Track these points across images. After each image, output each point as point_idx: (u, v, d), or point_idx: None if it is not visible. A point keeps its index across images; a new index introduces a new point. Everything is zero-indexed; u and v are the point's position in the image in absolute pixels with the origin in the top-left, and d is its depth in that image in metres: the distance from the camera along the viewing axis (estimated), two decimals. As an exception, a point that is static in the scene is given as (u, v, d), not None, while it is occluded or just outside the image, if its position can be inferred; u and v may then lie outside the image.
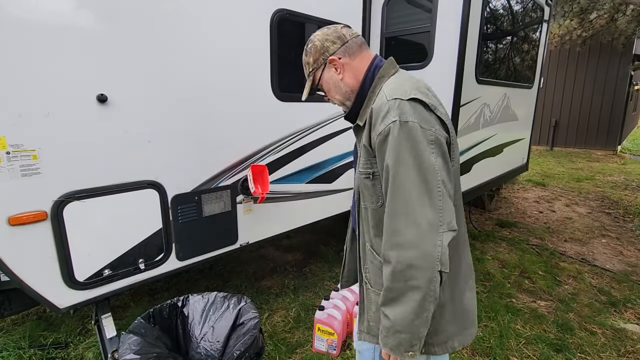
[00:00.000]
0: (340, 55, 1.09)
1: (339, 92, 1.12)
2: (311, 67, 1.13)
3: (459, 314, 1.06)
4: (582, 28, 8.48)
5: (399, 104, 0.92)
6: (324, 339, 2.14)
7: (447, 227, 0.89)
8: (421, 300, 0.89)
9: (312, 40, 1.12)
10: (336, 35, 1.09)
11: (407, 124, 0.90)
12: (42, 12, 1.42)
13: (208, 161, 2.06)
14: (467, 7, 2.47)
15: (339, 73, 1.10)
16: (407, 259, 0.88)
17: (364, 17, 2.80)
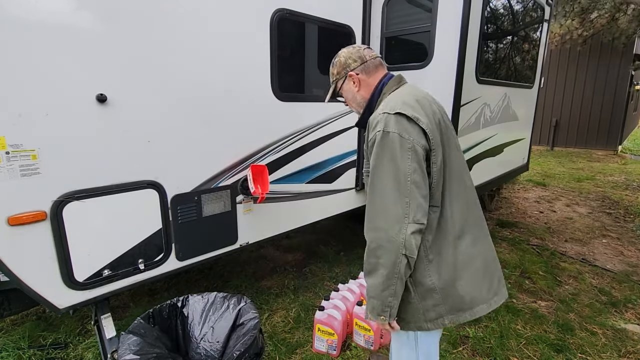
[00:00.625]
0: (359, 72, 1.32)
1: (354, 101, 1.37)
2: (334, 77, 1.38)
3: (451, 298, 1.20)
4: (583, 27, 8.47)
5: (386, 117, 1.13)
6: (324, 339, 2.13)
7: (412, 220, 1.08)
8: (387, 275, 1.10)
9: (339, 55, 1.37)
10: (358, 55, 1.33)
11: (389, 134, 1.11)
12: (42, 12, 1.42)
13: (208, 161, 2.06)
14: (467, 7, 2.46)
15: (355, 86, 1.34)
16: (378, 241, 1.11)
17: (364, 17, 2.80)
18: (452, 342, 2.27)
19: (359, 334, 2.21)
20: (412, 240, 1.08)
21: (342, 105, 2.74)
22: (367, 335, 2.17)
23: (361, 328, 2.19)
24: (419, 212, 1.09)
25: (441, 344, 2.25)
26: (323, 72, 2.82)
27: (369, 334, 2.16)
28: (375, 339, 2.17)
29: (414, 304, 1.21)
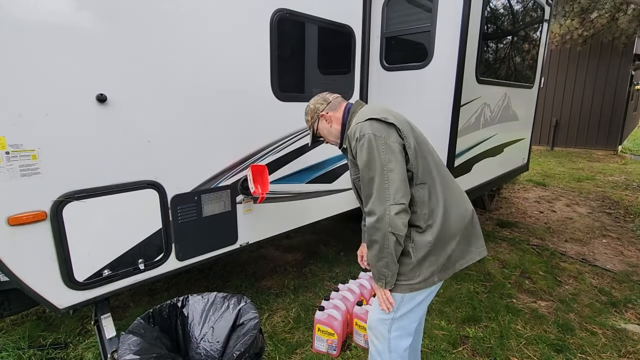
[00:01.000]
0: (327, 110, 1.61)
1: (331, 135, 1.63)
2: (309, 123, 1.66)
3: (441, 259, 1.43)
4: (583, 27, 8.47)
5: (361, 125, 1.40)
6: (324, 339, 2.13)
7: (393, 202, 1.31)
8: (379, 249, 1.35)
9: (308, 105, 1.66)
10: (323, 99, 1.63)
11: (364, 136, 1.36)
12: (42, 12, 1.42)
13: (208, 161, 2.06)
14: (467, 6, 2.46)
15: (328, 123, 1.61)
16: (371, 222, 1.36)
17: (364, 17, 2.80)
18: (452, 342, 2.27)
19: (359, 334, 2.21)
20: (397, 220, 1.31)
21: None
22: (331, 340, 2.15)
23: (361, 328, 2.19)
24: (398, 194, 1.31)
25: (441, 344, 2.25)
26: (323, 72, 2.82)
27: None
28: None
29: (411, 265, 1.41)
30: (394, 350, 1.52)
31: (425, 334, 2.34)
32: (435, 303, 2.69)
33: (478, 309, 2.62)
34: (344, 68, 2.80)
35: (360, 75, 2.89)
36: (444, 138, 2.68)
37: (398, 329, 1.50)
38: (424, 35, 2.69)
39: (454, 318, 2.53)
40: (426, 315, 2.55)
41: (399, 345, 1.52)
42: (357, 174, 1.49)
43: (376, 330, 1.53)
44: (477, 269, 3.24)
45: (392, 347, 1.52)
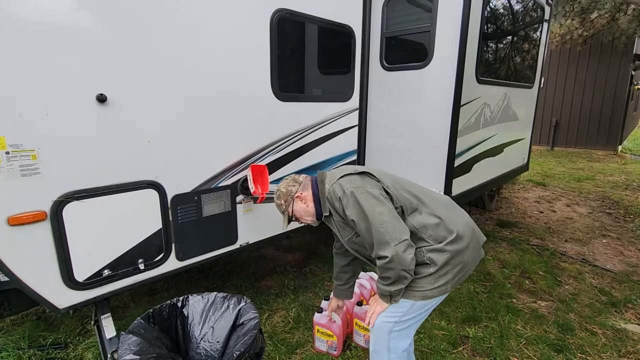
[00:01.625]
0: (300, 191, 1.63)
1: (308, 214, 1.64)
2: (283, 207, 1.65)
3: (458, 268, 1.46)
4: (583, 27, 8.47)
5: (337, 184, 1.50)
6: (324, 340, 2.13)
7: (397, 241, 1.36)
8: (392, 282, 1.41)
9: (279, 189, 1.66)
10: (294, 181, 1.67)
11: (345, 192, 1.45)
12: (42, 12, 1.42)
13: (208, 161, 2.06)
14: (467, 6, 2.46)
15: (304, 203, 1.62)
16: (382, 263, 1.39)
17: (364, 17, 2.80)
18: (452, 342, 2.27)
19: (359, 334, 2.21)
20: (406, 256, 1.36)
21: (342, 105, 2.76)
22: (367, 335, 2.17)
23: (361, 328, 2.19)
24: (397, 232, 1.37)
25: (441, 344, 2.25)
26: (323, 73, 2.82)
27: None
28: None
29: (429, 275, 1.43)
30: (393, 351, 1.55)
31: (425, 334, 2.34)
32: (435, 303, 2.69)
33: (478, 309, 2.62)
34: (344, 68, 2.80)
35: (360, 75, 2.89)
36: (444, 138, 2.68)
37: (399, 331, 1.52)
38: (424, 35, 2.69)
39: (454, 318, 2.53)
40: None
41: (398, 346, 1.55)
42: (350, 235, 1.55)
43: (378, 330, 1.55)
44: (477, 269, 3.23)
45: (391, 347, 1.54)
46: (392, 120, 2.90)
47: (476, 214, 4.85)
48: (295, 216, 1.67)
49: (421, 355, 2.16)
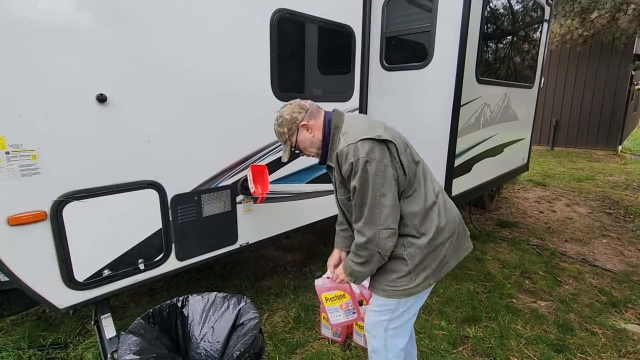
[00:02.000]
0: (307, 119, 1.48)
1: (313, 145, 1.50)
2: (286, 135, 1.49)
3: (435, 263, 1.46)
4: (583, 27, 8.47)
5: (353, 147, 1.35)
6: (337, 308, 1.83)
7: (384, 227, 1.35)
8: (362, 263, 1.41)
9: (282, 116, 1.49)
10: (300, 107, 1.50)
11: (359, 161, 1.33)
12: (42, 12, 1.42)
13: (208, 161, 2.06)
14: (467, 6, 2.46)
15: (310, 132, 1.49)
16: (361, 241, 1.38)
17: (364, 17, 2.80)
18: (452, 342, 2.27)
19: (359, 334, 2.21)
20: (387, 243, 1.36)
21: (342, 105, 2.76)
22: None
23: (361, 328, 2.19)
24: (389, 220, 1.35)
25: (441, 344, 2.25)
26: (323, 73, 2.82)
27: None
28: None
29: (407, 272, 1.43)
30: (390, 350, 1.57)
31: (425, 334, 2.34)
32: (435, 303, 2.69)
33: (478, 309, 2.62)
34: (344, 68, 2.80)
35: (360, 75, 2.89)
36: (444, 138, 2.68)
37: (394, 329, 1.54)
38: (424, 35, 2.69)
39: (454, 318, 2.53)
40: (426, 315, 2.55)
41: (395, 345, 1.57)
42: (343, 196, 1.51)
43: (374, 330, 1.57)
44: (477, 269, 3.24)
45: (388, 346, 1.56)
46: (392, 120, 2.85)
47: (476, 214, 4.85)
48: (299, 147, 1.53)
49: (421, 355, 2.16)
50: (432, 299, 2.75)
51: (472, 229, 4.21)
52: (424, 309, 2.63)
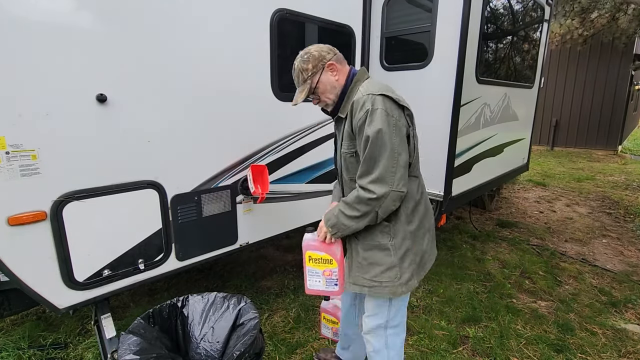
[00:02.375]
0: (335, 61, 1.41)
1: (333, 91, 1.41)
2: (309, 73, 1.40)
3: (419, 256, 1.47)
4: (583, 27, 8.47)
5: (372, 97, 1.29)
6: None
7: (396, 188, 1.28)
8: (356, 217, 1.33)
9: (309, 52, 1.41)
10: (329, 48, 1.44)
11: (377, 111, 1.27)
12: (42, 12, 1.42)
13: (208, 161, 2.06)
14: (467, 6, 2.46)
15: (335, 75, 1.40)
16: (365, 196, 1.30)
17: (364, 17, 2.80)
18: (452, 342, 2.27)
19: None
20: (391, 205, 1.31)
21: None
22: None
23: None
24: (402, 182, 1.29)
25: (441, 343, 2.25)
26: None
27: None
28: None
29: (392, 265, 1.40)
30: (392, 348, 1.58)
31: (425, 334, 2.34)
32: (435, 303, 2.69)
33: (478, 309, 2.62)
34: (344, 68, 2.79)
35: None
36: (444, 138, 2.68)
37: (393, 327, 1.56)
38: (423, 36, 2.69)
39: (454, 318, 2.53)
40: (426, 315, 2.55)
41: (396, 342, 1.58)
42: (348, 150, 1.40)
43: (374, 333, 1.57)
44: (477, 269, 3.24)
45: (389, 344, 1.57)
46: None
47: (476, 214, 4.85)
48: (318, 90, 1.42)
49: (421, 355, 2.16)
50: (432, 299, 2.75)
51: (472, 229, 4.21)
52: (424, 309, 2.63)
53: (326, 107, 1.47)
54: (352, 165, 1.42)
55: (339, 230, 1.39)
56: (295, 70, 1.43)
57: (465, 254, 3.56)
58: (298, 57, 1.43)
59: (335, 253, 1.52)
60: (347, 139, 1.39)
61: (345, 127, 1.39)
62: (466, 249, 3.66)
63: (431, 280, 3.03)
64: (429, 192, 2.83)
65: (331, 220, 1.40)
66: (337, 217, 1.38)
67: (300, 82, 1.43)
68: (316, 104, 1.49)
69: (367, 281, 1.44)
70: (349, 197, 1.36)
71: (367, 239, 1.45)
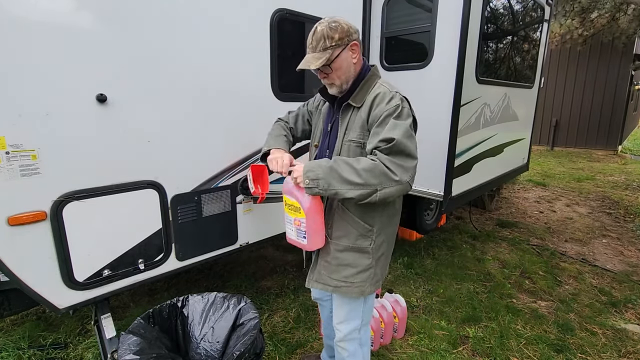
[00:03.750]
0: (358, 43, 1.33)
1: (346, 72, 1.33)
2: (334, 42, 1.27)
3: (390, 257, 1.52)
4: (583, 27, 8.47)
5: (400, 96, 1.30)
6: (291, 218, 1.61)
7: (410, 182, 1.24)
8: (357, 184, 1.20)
9: (338, 21, 1.29)
10: (355, 28, 1.34)
11: (405, 110, 1.28)
12: (42, 12, 1.42)
13: (208, 161, 2.06)
14: (467, 6, 2.46)
15: (355, 57, 1.33)
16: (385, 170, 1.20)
17: (364, 17, 2.80)
18: (452, 342, 2.27)
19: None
20: (394, 195, 1.24)
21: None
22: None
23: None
24: (414, 180, 1.27)
25: (441, 343, 2.25)
26: (323, 72, 2.81)
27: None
28: (376, 339, 2.17)
29: (368, 267, 1.40)
30: (364, 344, 1.60)
31: (425, 334, 2.34)
32: (435, 303, 2.70)
33: (478, 309, 2.62)
34: (344, 68, 2.79)
35: (360, 75, 2.88)
36: (444, 138, 2.68)
37: (364, 325, 1.59)
38: (423, 35, 2.69)
39: (454, 318, 2.53)
40: (426, 315, 2.55)
41: (366, 337, 1.63)
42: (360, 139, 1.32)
43: (348, 338, 1.55)
44: (477, 269, 3.24)
45: (362, 341, 1.59)
46: (392, 120, 2.90)
47: (476, 214, 4.85)
48: (334, 66, 1.30)
49: (421, 355, 2.16)
50: (432, 299, 2.75)
51: (471, 229, 4.22)
52: (423, 309, 2.63)
53: (330, 87, 1.37)
54: (356, 156, 1.34)
55: (319, 186, 1.22)
56: (318, 34, 1.28)
57: (465, 254, 3.56)
58: (324, 22, 1.29)
59: (303, 201, 1.34)
60: (358, 129, 1.32)
61: (358, 116, 1.32)
62: (466, 249, 3.66)
63: (431, 280, 3.03)
64: (429, 192, 2.84)
65: (315, 172, 1.23)
66: (327, 172, 1.22)
67: (320, 48, 1.27)
68: (323, 78, 1.36)
69: (334, 281, 1.42)
70: (357, 161, 1.22)
71: (342, 240, 1.40)
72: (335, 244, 1.42)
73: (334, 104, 1.45)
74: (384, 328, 2.20)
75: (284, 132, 1.67)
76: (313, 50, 1.30)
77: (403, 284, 2.98)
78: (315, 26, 1.30)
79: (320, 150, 1.51)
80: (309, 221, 1.36)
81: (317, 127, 1.57)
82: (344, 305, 1.51)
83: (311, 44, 1.31)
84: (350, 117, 1.35)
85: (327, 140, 1.46)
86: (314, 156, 1.56)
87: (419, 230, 3.82)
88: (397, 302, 2.33)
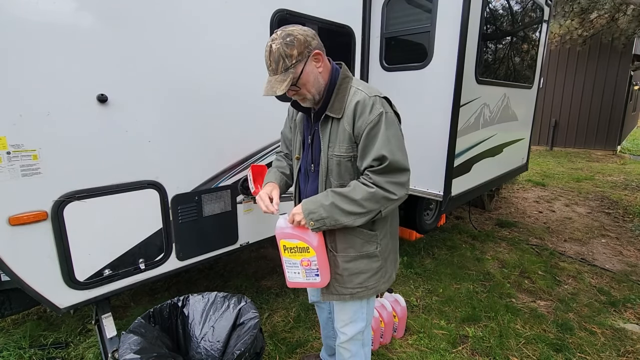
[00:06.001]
0: (319, 50, 1.21)
1: (315, 84, 1.23)
2: (294, 60, 1.16)
3: (397, 251, 1.52)
4: (583, 28, 8.49)
5: (379, 100, 1.22)
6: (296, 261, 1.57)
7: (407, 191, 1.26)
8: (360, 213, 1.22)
9: (292, 34, 1.16)
10: (312, 33, 1.21)
11: (388, 114, 1.21)
12: (43, 12, 1.42)
13: (208, 161, 2.06)
14: (467, 7, 2.47)
15: (319, 66, 1.22)
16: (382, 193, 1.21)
17: (364, 17, 2.80)
18: (452, 341, 2.28)
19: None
20: (393, 206, 1.26)
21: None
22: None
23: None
24: (409, 186, 1.28)
25: (440, 343, 2.26)
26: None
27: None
28: (375, 338, 2.17)
29: (378, 268, 1.39)
30: (366, 344, 1.60)
31: (424, 333, 2.35)
32: (434, 303, 2.70)
33: (477, 309, 2.62)
34: (343, 68, 2.80)
35: (359, 75, 2.90)
36: (444, 138, 2.69)
37: (368, 325, 1.58)
38: (423, 36, 2.70)
39: (454, 318, 2.53)
40: (426, 314, 2.56)
41: (368, 337, 1.63)
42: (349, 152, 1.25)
43: (353, 339, 1.54)
44: (477, 269, 3.24)
45: (365, 341, 1.59)
46: (391, 120, 2.90)
47: (476, 214, 4.86)
48: (301, 82, 1.20)
49: (420, 354, 2.17)
50: (432, 299, 2.75)
51: (471, 229, 4.22)
52: (423, 309, 2.64)
53: (303, 101, 1.28)
54: (347, 170, 1.28)
55: (325, 225, 1.23)
56: (274, 54, 1.15)
57: (465, 253, 3.57)
58: (277, 39, 1.16)
59: (311, 239, 1.31)
60: (346, 143, 1.24)
61: (340, 128, 1.24)
62: (466, 249, 3.67)
63: (431, 280, 3.04)
64: (428, 192, 2.85)
65: (318, 213, 1.22)
66: (330, 210, 1.21)
67: (281, 69, 1.16)
68: (292, 95, 1.26)
69: (349, 290, 1.38)
70: (353, 192, 1.21)
71: (348, 251, 1.36)
72: (342, 256, 1.37)
73: (311, 115, 1.37)
74: (383, 327, 2.21)
75: (277, 163, 1.68)
76: (274, 73, 1.18)
77: (403, 284, 2.98)
78: (269, 45, 1.17)
79: (303, 164, 1.44)
80: (319, 257, 1.33)
81: (297, 138, 1.47)
82: (347, 308, 1.47)
83: (270, 66, 1.19)
84: (331, 129, 1.26)
85: (310, 154, 1.38)
86: (297, 169, 1.48)
87: (419, 230, 3.83)
88: (396, 302, 2.33)
